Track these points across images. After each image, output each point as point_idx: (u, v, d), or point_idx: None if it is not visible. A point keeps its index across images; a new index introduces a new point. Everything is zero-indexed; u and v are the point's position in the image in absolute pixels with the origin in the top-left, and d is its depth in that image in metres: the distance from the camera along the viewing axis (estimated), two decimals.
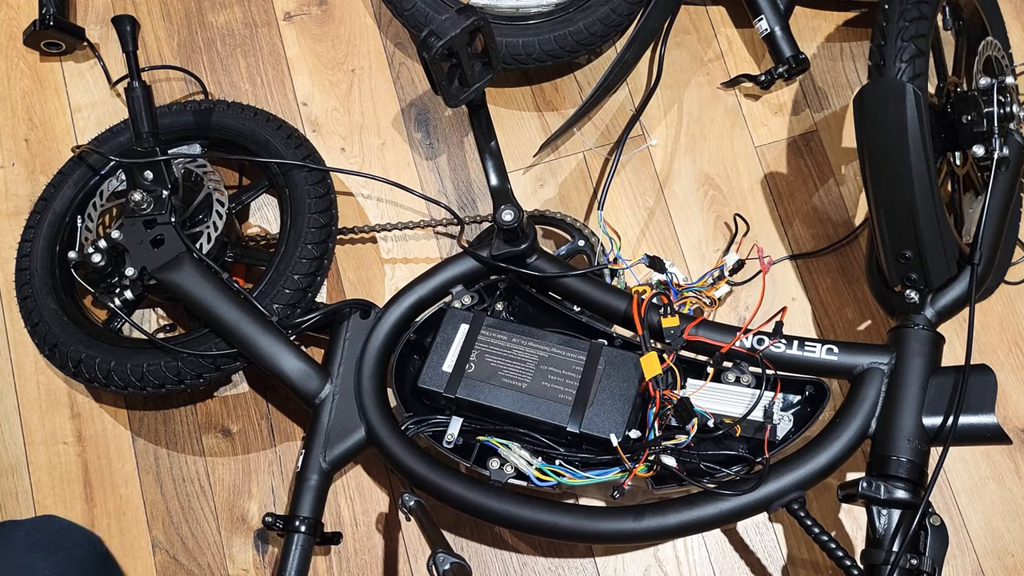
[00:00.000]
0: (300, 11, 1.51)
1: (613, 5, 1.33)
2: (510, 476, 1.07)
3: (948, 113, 1.13)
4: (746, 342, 1.08)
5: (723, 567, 1.24)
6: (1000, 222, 1.11)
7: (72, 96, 1.48)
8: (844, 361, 1.06)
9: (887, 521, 0.98)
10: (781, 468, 1.02)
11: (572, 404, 1.06)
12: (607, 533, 1.04)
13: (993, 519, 1.25)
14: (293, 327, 1.20)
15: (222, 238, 1.25)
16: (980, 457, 1.27)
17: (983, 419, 1.00)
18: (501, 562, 1.26)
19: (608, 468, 1.05)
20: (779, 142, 1.42)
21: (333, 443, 1.14)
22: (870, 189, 1.08)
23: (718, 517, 1.02)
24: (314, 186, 1.27)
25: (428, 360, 1.11)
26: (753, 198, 1.39)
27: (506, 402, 1.07)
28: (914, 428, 1.00)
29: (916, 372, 1.03)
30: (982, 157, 1.07)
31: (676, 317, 1.10)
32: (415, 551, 1.27)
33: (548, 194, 1.41)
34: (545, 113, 1.44)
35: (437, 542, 0.98)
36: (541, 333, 1.11)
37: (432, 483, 1.09)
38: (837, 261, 1.36)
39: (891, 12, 1.08)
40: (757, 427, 1.07)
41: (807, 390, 1.10)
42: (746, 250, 1.36)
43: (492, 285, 1.19)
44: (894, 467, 0.99)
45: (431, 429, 1.12)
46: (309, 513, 1.12)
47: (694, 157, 1.41)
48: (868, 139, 1.05)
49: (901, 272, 1.08)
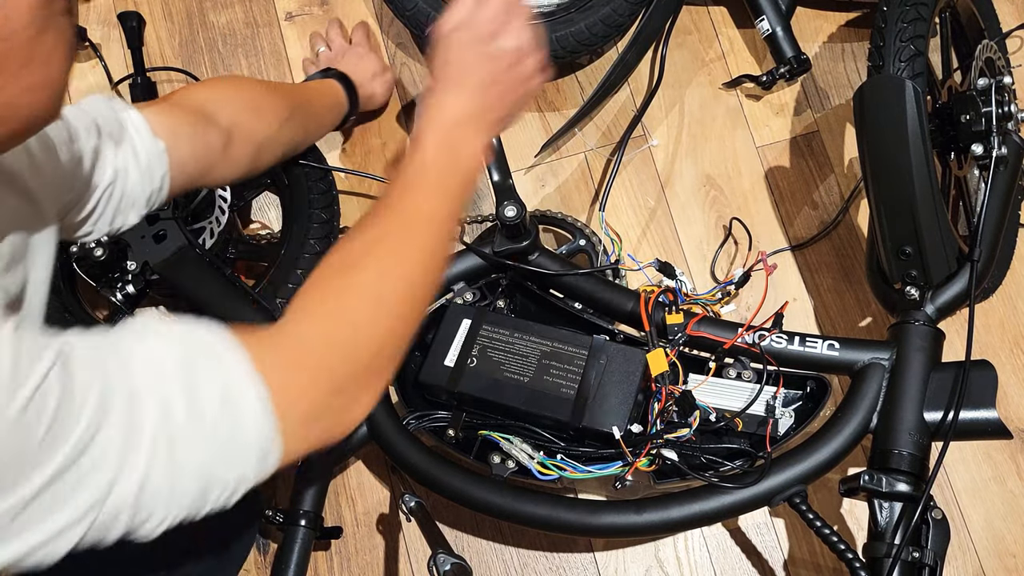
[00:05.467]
0: (301, 11, 1.52)
1: (614, 5, 1.34)
2: (512, 470, 1.07)
3: (948, 113, 1.14)
4: (748, 338, 1.08)
5: (724, 567, 1.24)
6: (999, 219, 1.12)
7: (74, 96, 1.49)
8: (845, 357, 1.07)
9: (889, 514, 0.98)
10: (783, 462, 1.02)
11: (574, 399, 1.06)
12: (610, 526, 1.04)
13: (995, 520, 1.25)
14: None
15: (224, 234, 1.25)
16: (982, 458, 1.27)
17: (984, 414, 1.00)
18: (502, 562, 1.26)
19: (610, 462, 1.05)
20: (781, 142, 1.42)
21: None
22: (870, 186, 1.09)
23: (720, 510, 1.02)
24: (316, 183, 1.27)
25: (430, 355, 1.11)
26: (754, 198, 1.39)
27: (508, 397, 1.07)
28: (915, 422, 1.00)
29: (917, 367, 1.03)
30: (981, 156, 1.08)
31: (680, 315, 1.10)
32: (416, 551, 1.27)
33: (549, 194, 1.42)
34: (546, 113, 1.45)
35: (438, 542, 0.98)
36: (543, 328, 1.11)
37: (433, 478, 1.09)
38: (838, 261, 1.36)
39: (889, 14, 1.10)
40: (759, 422, 1.07)
41: (808, 386, 1.10)
42: (745, 252, 1.36)
43: (494, 282, 1.19)
44: (895, 461, 0.99)
45: (432, 424, 1.12)
46: (310, 507, 1.12)
47: (695, 157, 1.42)
48: (868, 135, 1.06)
49: (901, 269, 1.09)
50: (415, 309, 0.80)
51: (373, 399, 0.77)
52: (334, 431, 0.75)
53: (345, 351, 0.74)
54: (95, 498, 0.61)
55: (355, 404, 0.76)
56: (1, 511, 0.57)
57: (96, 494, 0.61)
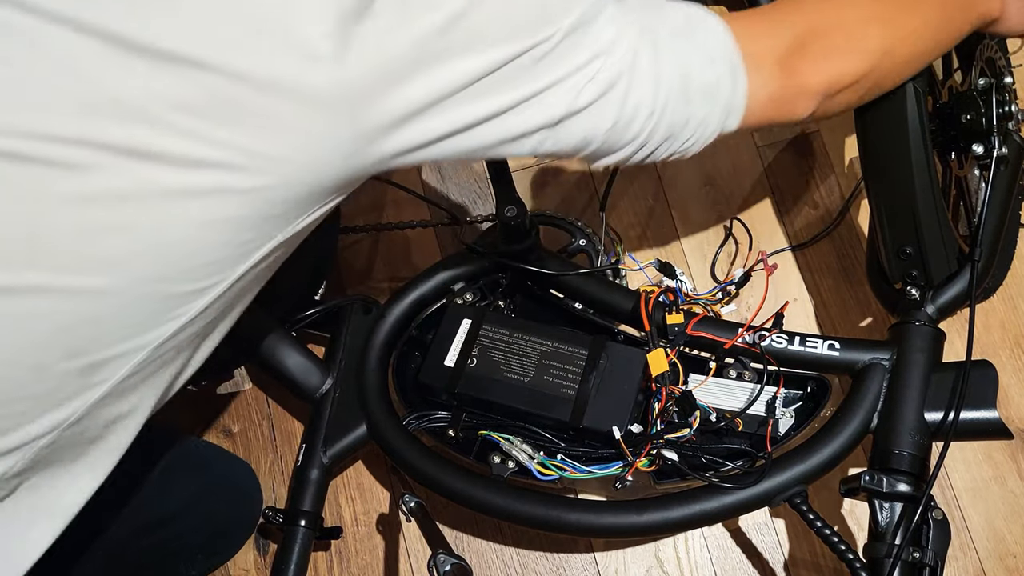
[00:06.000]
0: None
1: None
2: (512, 471, 1.06)
3: (949, 113, 1.14)
4: (748, 338, 1.08)
5: (724, 567, 1.24)
6: (1000, 219, 1.12)
7: None
8: (846, 357, 1.06)
9: (889, 514, 0.97)
10: (783, 462, 1.02)
11: (574, 399, 1.06)
12: (610, 527, 1.04)
13: (995, 520, 1.25)
14: (294, 323, 1.20)
15: None
16: (982, 458, 1.27)
17: (984, 414, 1.00)
18: (502, 562, 1.26)
19: (610, 463, 1.05)
20: (781, 142, 1.42)
21: (334, 438, 1.13)
22: (870, 186, 1.09)
23: (720, 510, 1.02)
24: None
25: (429, 355, 1.11)
26: (755, 198, 1.39)
27: (508, 397, 1.07)
28: (916, 422, 1.00)
29: (918, 367, 1.03)
30: (982, 156, 1.08)
31: (680, 315, 1.10)
32: (416, 551, 1.27)
33: (549, 194, 1.42)
34: None
35: (438, 542, 0.98)
36: (543, 328, 1.11)
37: (433, 478, 1.09)
38: (838, 261, 1.36)
39: None
40: (759, 422, 1.07)
41: (809, 386, 1.10)
42: (745, 252, 1.36)
43: (494, 282, 1.19)
44: (896, 461, 0.98)
45: (432, 424, 1.12)
46: (309, 507, 1.12)
47: (696, 157, 1.40)
48: (868, 135, 1.06)
49: (902, 269, 1.08)
50: (900, 57, 0.88)
51: (814, 108, 0.84)
52: (783, 116, 0.83)
53: (827, 50, 0.82)
54: (594, 51, 0.68)
55: (806, 101, 0.83)
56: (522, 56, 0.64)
57: (594, 49, 0.68)
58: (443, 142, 0.65)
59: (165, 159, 0.57)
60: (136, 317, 0.63)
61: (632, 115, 0.73)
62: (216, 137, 0.57)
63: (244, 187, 0.60)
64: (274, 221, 0.63)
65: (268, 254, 0.66)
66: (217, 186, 0.59)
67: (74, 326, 0.61)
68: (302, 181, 0.62)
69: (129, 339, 0.64)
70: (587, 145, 0.74)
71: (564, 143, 0.72)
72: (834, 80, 0.84)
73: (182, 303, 0.64)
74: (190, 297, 0.64)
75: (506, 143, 0.69)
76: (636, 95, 0.72)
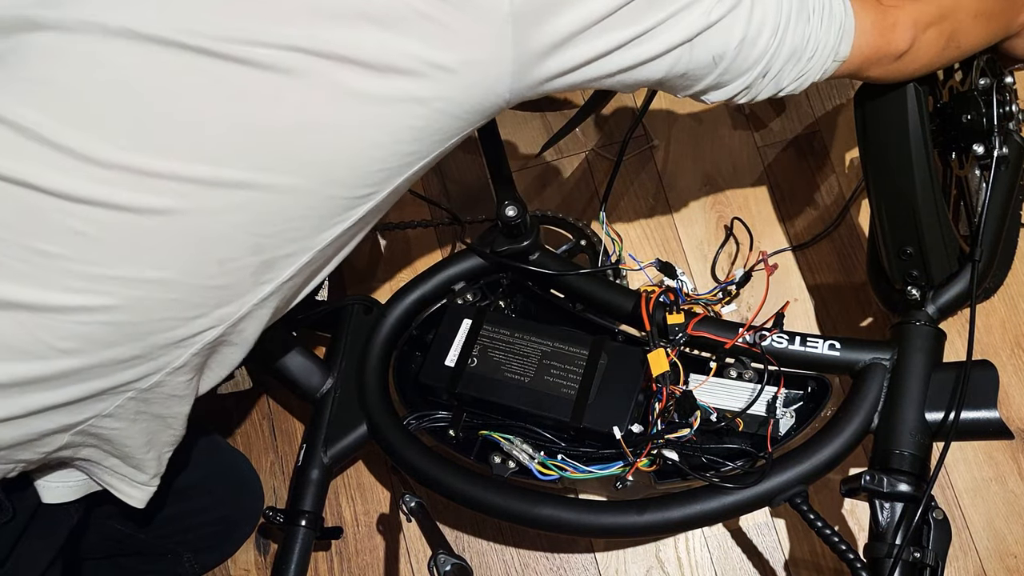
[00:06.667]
0: None
1: None
2: (512, 471, 1.06)
3: (949, 113, 1.14)
4: (748, 338, 1.08)
5: (725, 567, 1.24)
6: (1001, 219, 1.12)
7: None
8: (846, 357, 1.06)
9: (890, 514, 0.97)
10: (784, 462, 1.02)
11: (575, 399, 1.06)
12: (611, 527, 1.04)
13: (996, 520, 1.25)
14: (295, 323, 1.20)
15: None
16: (983, 458, 1.27)
17: (985, 414, 1.00)
18: (502, 562, 1.26)
19: (610, 463, 1.05)
20: (781, 142, 1.42)
21: (334, 437, 1.13)
22: (871, 186, 1.09)
23: (721, 510, 1.02)
24: None
25: (430, 355, 1.11)
26: (755, 198, 1.39)
27: (509, 397, 1.07)
28: (916, 423, 1.00)
29: (918, 367, 1.03)
30: (982, 156, 1.08)
31: (681, 314, 1.10)
32: (416, 551, 1.27)
33: (550, 194, 1.42)
34: (547, 113, 1.45)
35: (438, 543, 0.97)
36: (544, 328, 1.11)
37: (433, 478, 1.08)
38: (839, 261, 1.36)
39: None
40: (760, 422, 1.07)
41: (809, 386, 1.10)
42: (745, 252, 1.36)
43: (494, 282, 1.19)
44: (897, 461, 0.98)
45: (433, 424, 1.12)
46: (310, 507, 1.11)
47: (696, 157, 1.42)
48: (869, 135, 1.06)
49: (902, 269, 1.08)
50: (968, 12, 0.96)
51: (911, 40, 0.92)
52: (885, 46, 0.91)
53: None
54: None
55: (903, 30, 0.91)
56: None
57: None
58: (591, 65, 0.73)
59: (363, 64, 0.64)
60: (315, 218, 0.69)
61: (758, 31, 0.78)
62: (403, 48, 0.64)
63: (424, 95, 0.67)
64: (437, 137, 0.71)
65: (414, 175, 0.73)
66: (404, 94, 0.66)
67: (265, 222, 0.67)
68: (471, 97, 0.69)
69: (302, 239, 0.70)
70: (717, 64, 0.79)
71: (697, 61, 0.78)
72: (922, 11, 0.91)
73: (350, 207, 0.71)
74: (358, 202, 0.71)
75: (646, 63, 0.76)
76: (760, 10, 0.78)
